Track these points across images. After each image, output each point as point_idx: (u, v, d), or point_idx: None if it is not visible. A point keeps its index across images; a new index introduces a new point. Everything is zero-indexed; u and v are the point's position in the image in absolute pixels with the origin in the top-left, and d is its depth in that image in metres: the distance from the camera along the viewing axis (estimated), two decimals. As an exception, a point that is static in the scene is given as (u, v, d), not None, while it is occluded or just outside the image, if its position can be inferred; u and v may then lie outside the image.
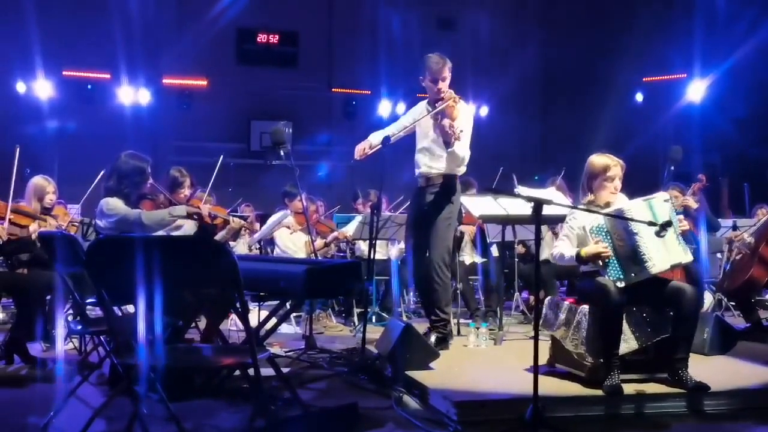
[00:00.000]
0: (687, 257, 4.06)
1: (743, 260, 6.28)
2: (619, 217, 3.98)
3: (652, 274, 3.98)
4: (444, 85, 5.04)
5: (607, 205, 4.23)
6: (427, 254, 5.10)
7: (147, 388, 3.10)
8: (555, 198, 5.12)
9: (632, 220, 3.94)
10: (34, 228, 5.12)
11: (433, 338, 4.97)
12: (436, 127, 5.05)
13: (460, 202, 5.43)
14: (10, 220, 5.04)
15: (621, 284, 3.96)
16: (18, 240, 5.10)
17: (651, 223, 3.88)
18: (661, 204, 4.06)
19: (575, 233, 4.21)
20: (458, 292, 6.43)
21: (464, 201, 5.85)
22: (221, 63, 14.35)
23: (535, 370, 3.37)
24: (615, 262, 3.98)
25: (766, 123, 11.43)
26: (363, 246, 7.58)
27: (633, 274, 3.97)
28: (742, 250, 6.35)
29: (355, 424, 3.54)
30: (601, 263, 4.00)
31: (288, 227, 7.47)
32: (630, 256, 3.97)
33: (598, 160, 4.30)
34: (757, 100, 11.50)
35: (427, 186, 5.17)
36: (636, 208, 4.01)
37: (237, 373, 4.01)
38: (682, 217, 4.27)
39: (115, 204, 4.39)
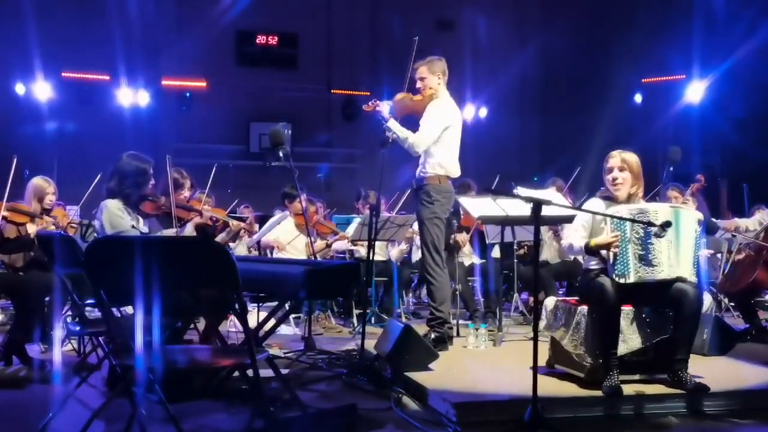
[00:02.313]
0: (693, 277, 4.08)
1: (747, 262, 6.23)
2: (603, 214, 4.04)
3: (656, 279, 3.99)
4: (421, 83, 5.24)
5: (628, 200, 4.23)
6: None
7: (146, 389, 3.09)
8: (554, 199, 5.11)
9: (613, 217, 3.97)
10: (32, 229, 5.10)
11: (432, 337, 4.97)
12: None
13: (455, 202, 5.46)
14: (5, 218, 5.00)
15: (623, 280, 3.97)
16: (17, 239, 5.08)
17: (649, 224, 3.88)
18: (690, 220, 4.09)
19: (588, 224, 4.24)
20: (457, 293, 6.42)
21: (463, 202, 5.87)
22: (220, 64, 14.36)
23: (535, 370, 3.37)
24: (625, 257, 3.98)
25: (765, 124, 11.42)
26: (362, 247, 7.56)
27: (639, 274, 3.97)
28: (745, 251, 6.32)
29: (354, 425, 3.53)
30: (609, 253, 4.02)
31: (278, 247, 7.41)
32: (642, 255, 3.97)
33: (608, 155, 4.34)
34: (756, 100, 11.49)
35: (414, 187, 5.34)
36: (662, 211, 4.02)
37: (236, 374, 4.01)
38: (704, 241, 4.29)
39: (115, 221, 4.33)
